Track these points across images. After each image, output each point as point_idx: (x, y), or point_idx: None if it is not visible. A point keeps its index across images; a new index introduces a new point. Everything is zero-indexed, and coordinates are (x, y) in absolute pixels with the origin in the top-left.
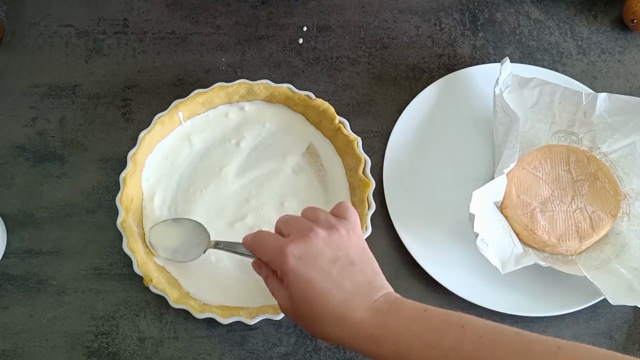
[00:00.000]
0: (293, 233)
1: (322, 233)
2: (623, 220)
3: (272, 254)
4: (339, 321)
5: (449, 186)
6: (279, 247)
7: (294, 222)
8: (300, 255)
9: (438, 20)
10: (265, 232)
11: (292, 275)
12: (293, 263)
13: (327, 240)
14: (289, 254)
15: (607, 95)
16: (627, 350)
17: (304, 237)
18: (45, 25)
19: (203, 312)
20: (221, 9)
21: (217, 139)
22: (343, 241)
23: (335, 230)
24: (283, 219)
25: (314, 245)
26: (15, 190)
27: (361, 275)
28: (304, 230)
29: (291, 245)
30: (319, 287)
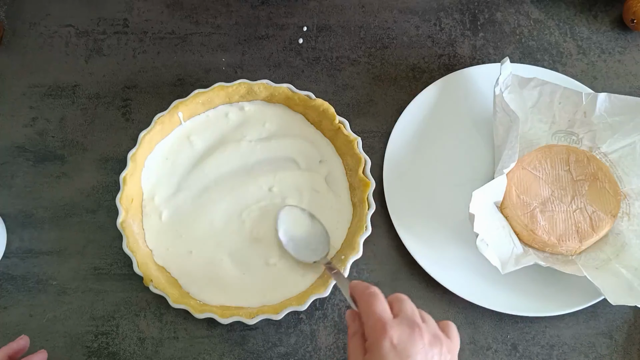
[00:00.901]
0: (402, 318)
1: (427, 338)
2: (623, 220)
3: (374, 323)
4: None
5: (449, 186)
6: (384, 322)
7: (407, 309)
8: (398, 344)
9: (438, 20)
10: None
11: (377, 355)
12: (387, 346)
13: (426, 348)
14: (388, 335)
15: (607, 95)
16: (627, 350)
17: (410, 329)
18: (45, 25)
19: (203, 312)
20: (221, 9)
21: (217, 139)
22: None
23: (439, 344)
24: (400, 297)
25: (414, 344)
26: (15, 190)
27: None
28: (414, 323)
29: (395, 329)
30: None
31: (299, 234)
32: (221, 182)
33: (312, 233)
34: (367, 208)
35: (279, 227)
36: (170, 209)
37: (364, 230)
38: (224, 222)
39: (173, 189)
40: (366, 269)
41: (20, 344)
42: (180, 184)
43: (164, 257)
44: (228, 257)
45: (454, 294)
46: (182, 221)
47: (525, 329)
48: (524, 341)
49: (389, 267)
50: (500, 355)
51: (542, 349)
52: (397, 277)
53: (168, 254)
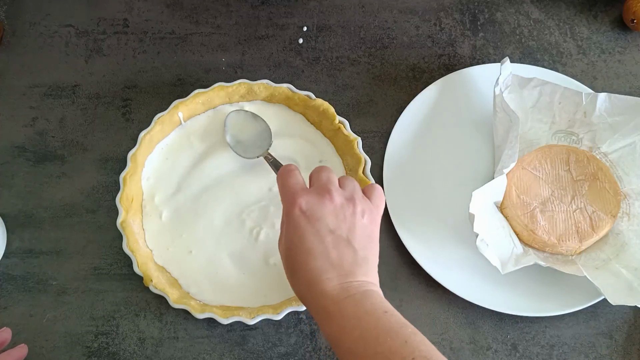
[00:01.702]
0: (315, 187)
1: (338, 200)
2: (623, 220)
3: (286, 195)
4: (309, 284)
5: (449, 186)
6: (293, 192)
7: (322, 177)
8: (306, 210)
9: (438, 20)
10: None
11: (291, 224)
12: (296, 213)
13: (337, 209)
14: (297, 203)
15: (607, 95)
16: (627, 350)
17: (319, 195)
18: (45, 25)
19: (203, 312)
20: (221, 9)
21: (217, 138)
22: (353, 217)
23: (351, 204)
24: (319, 169)
25: (324, 207)
26: (15, 190)
27: (351, 255)
28: (324, 190)
29: (304, 197)
30: (306, 246)
31: (244, 135)
32: (221, 182)
33: (256, 131)
34: None
35: (227, 133)
36: (170, 209)
37: None
38: (224, 222)
39: (173, 189)
40: None
41: (2, 337)
42: (180, 183)
43: (164, 257)
44: (228, 257)
45: (454, 294)
46: (182, 221)
47: (525, 329)
48: (524, 341)
49: (389, 267)
50: (500, 355)
51: (542, 349)
52: (397, 277)
53: (168, 254)
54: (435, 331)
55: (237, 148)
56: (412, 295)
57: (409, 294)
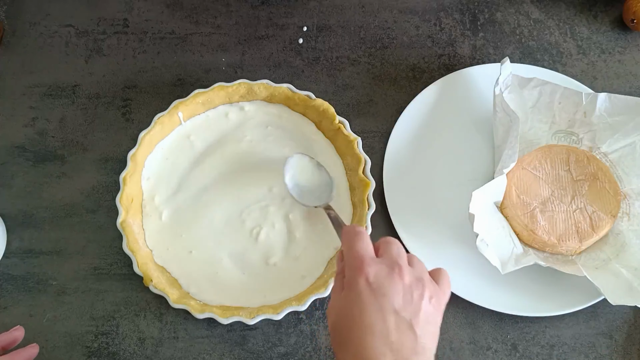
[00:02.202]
0: (385, 258)
1: (408, 280)
2: (623, 220)
3: (353, 261)
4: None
5: (449, 186)
6: (362, 259)
7: (394, 251)
8: (373, 282)
9: (438, 20)
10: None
11: (353, 293)
12: (362, 283)
13: (405, 290)
14: (365, 272)
15: (607, 95)
16: (627, 350)
17: (389, 269)
18: (45, 25)
19: (203, 312)
20: (221, 9)
21: (217, 139)
22: (420, 302)
23: (421, 287)
24: (390, 240)
25: (392, 283)
26: (15, 190)
27: (412, 341)
28: (396, 265)
29: (373, 267)
30: (366, 321)
31: (304, 181)
32: (221, 182)
33: (317, 181)
34: (367, 208)
35: (286, 173)
36: (170, 209)
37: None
38: (224, 222)
39: (173, 189)
40: None
41: (14, 335)
42: (180, 184)
43: (164, 257)
44: (228, 257)
45: (454, 294)
46: (182, 221)
47: (525, 329)
48: (524, 341)
49: None
50: (500, 355)
51: (542, 349)
52: None
53: (168, 254)
54: None
55: (294, 191)
56: None
57: None
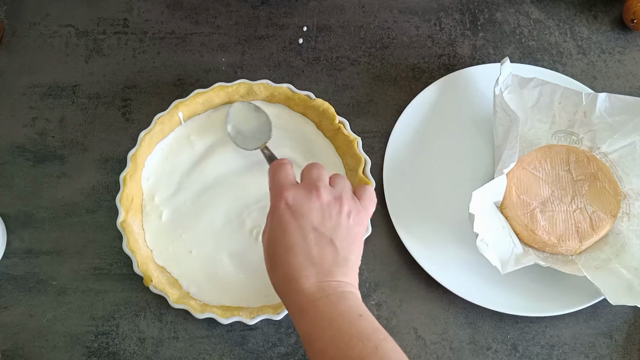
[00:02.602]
0: (304, 182)
1: (325, 198)
2: (623, 220)
3: (274, 188)
4: (286, 279)
5: (449, 186)
6: (281, 186)
7: (313, 174)
8: (292, 205)
9: (438, 20)
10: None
11: (275, 217)
12: (282, 207)
13: (323, 207)
14: (283, 197)
15: (607, 95)
16: (627, 350)
17: (307, 191)
18: (45, 25)
19: (203, 312)
20: (221, 9)
21: (217, 139)
22: (338, 218)
23: (338, 203)
24: (311, 165)
25: (310, 204)
26: (15, 190)
27: (332, 254)
28: (313, 186)
29: (291, 191)
30: (288, 240)
31: (245, 126)
32: (221, 182)
33: (257, 124)
34: None
35: (228, 122)
36: (170, 208)
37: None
38: (224, 222)
39: (173, 189)
40: (366, 269)
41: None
42: (180, 183)
43: (164, 257)
44: (228, 257)
45: (454, 294)
46: (182, 221)
47: (525, 329)
48: (524, 341)
49: (389, 267)
50: (500, 355)
51: (542, 349)
52: (397, 277)
53: (168, 254)
54: (435, 331)
55: (237, 138)
56: (412, 295)
57: (409, 294)
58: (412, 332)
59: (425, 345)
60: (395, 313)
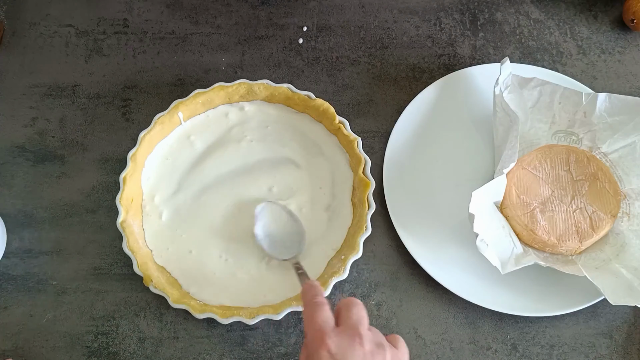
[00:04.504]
0: (344, 326)
1: (368, 347)
2: (623, 220)
3: (314, 334)
4: None
5: (449, 186)
6: (322, 331)
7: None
8: (336, 353)
9: (438, 20)
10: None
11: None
12: (324, 356)
13: (368, 357)
14: (326, 345)
15: (607, 95)
16: (627, 350)
17: (350, 338)
18: (45, 25)
19: (203, 312)
20: (221, 9)
21: (217, 139)
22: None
23: (382, 352)
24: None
25: (354, 352)
26: (15, 190)
27: None
28: (355, 332)
29: (333, 339)
30: None
31: (275, 230)
32: (221, 182)
33: (289, 231)
34: (367, 208)
35: (257, 221)
36: (170, 208)
37: (364, 230)
38: (224, 222)
39: (173, 189)
40: (366, 269)
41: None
42: (180, 184)
43: (164, 257)
44: (228, 257)
45: (454, 294)
46: (182, 221)
47: (525, 329)
48: (524, 341)
49: (389, 267)
50: (500, 355)
51: (542, 349)
52: (397, 277)
53: (168, 254)
54: (435, 331)
55: (265, 241)
56: (412, 295)
57: (409, 294)
58: (412, 332)
59: (425, 345)
60: (395, 313)
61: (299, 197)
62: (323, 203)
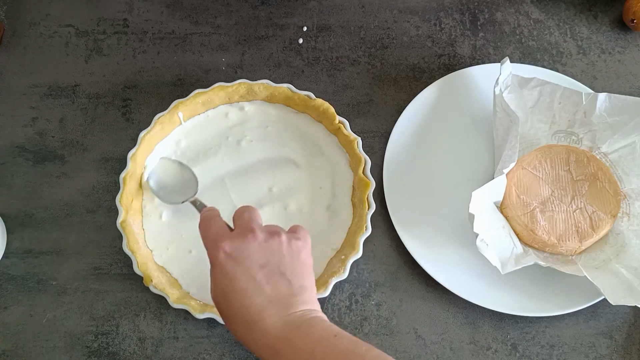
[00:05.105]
0: (236, 229)
1: (261, 237)
2: (623, 220)
3: (209, 242)
4: (249, 325)
5: (449, 186)
6: (215, 238)
7: (244, 217)
8: (231, 253)
9: (438, 20)
10: (215, 218)
11: (218, 269)
12: (222, 258)
13: (263, 245)
14: (221, 248)
15: (607, 95)
16: (627, 350)
17: (242, 235)
18: (45, 25)
19: (203, 312)
20: (221, 9)
21: (217, 138)
22: (280, 249)
23: (276, 236)
24: (241, 209)
25: (248, 245)
26: (15, 190)
27: (286, 286)
28: (247, 229)
29: (226, 241)
30: (238, 287)
31: (169, 181)
32: (221, 182)
33: (181, 179)
34: (367, 208)
35: (150, 177)
36: (170, 209)
37: (364, 230)
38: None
39: None
40: (366, 269)
41: None
42: None
43: (164, 257)
44: None
45: (454, 294)
46: (182, 221)
47: (525, 329)
48: (524, 341)
49: (389, 267)
50: (500, 355)
51: (542, 349)
52: (397, 277)
53: (168, 254)
54: (435, 331)
55: (160, 193)
56: (412, 295)
57: (409, 294)
58: (412, 332)
59: (425, 345)
60: (395, 313)
61: (299, 197)
62: (323, 203)
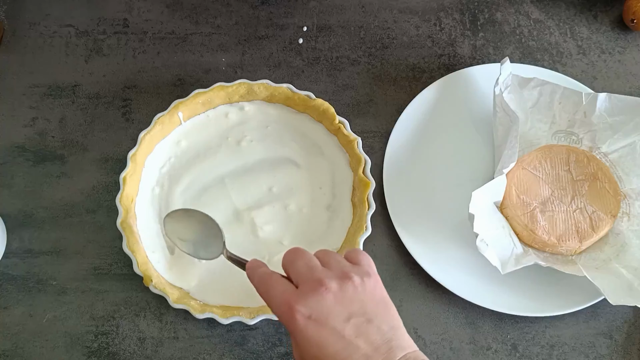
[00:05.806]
0: (302, 284)
1: (334, 287)
2: (623, 220)
3: (279, 308)
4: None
5: (449, 186)
6: (286, 301)
7: (302, 269)
8: (310, 314)
9: (438, 20)
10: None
11: (300, 337)
12: (302, 324)
13: (339, 296)
14: (297, 312)
15: (607, 95)
16: (627, 350)
17: (314, 291)
18: (45, 25)
19: (203, 312)
20: (221, 9)
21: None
22: (357, 294)
23: (349, 280)
24: (290, 258)
25: (325, 302)
26: (15, 190)
27: (378, 334)
28: (315, 282)
29: (300, 302)
30: (330, 352)
31: (191, 235)
32: (221, 182)
33: (204, 230)
34: (367, 208)
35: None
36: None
37: (364, 230)
38: (224, 222)
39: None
40: None
41: None
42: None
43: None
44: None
45: (454, 294)
46: None
47: (525, 329)
48: (524, 341)
49: (389, 267)
50: (500, 355)
51: (542, 349)
52: (397, 277)
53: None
54: (435, 331)
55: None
56: (412, 295)
57: (409, 294)
58: (412, 332)
59: (425, 345)
60: None
61: (299, 197)
62: (323, 203)
